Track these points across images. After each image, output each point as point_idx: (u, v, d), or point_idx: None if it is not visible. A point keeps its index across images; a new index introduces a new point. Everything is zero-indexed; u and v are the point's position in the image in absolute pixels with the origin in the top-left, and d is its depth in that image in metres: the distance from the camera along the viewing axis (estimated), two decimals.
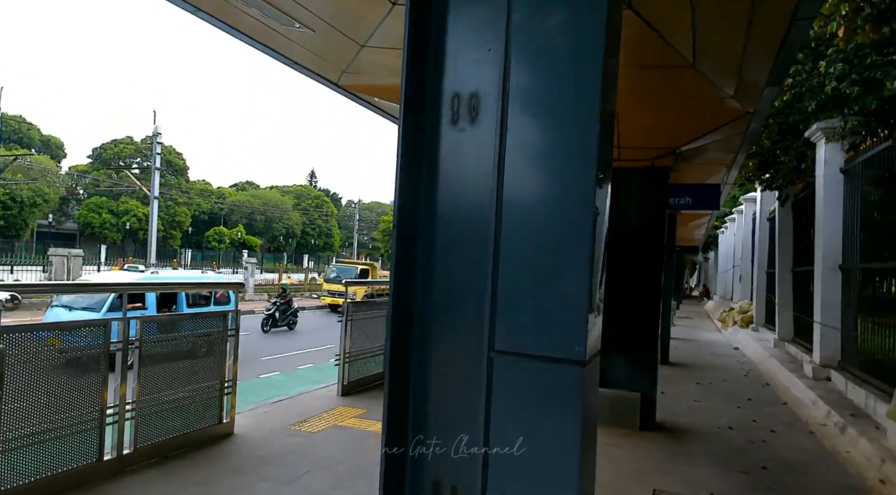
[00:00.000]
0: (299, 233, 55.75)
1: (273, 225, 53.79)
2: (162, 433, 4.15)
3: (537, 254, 1.58)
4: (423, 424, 1.84)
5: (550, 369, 1.55)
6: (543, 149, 1.61)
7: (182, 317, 4.30)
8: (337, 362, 6.36)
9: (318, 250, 58.47)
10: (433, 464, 1.83)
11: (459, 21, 1.79)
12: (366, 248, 63.83)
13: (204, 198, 50.80)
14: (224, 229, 49.91)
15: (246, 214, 52.85)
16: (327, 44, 4.74)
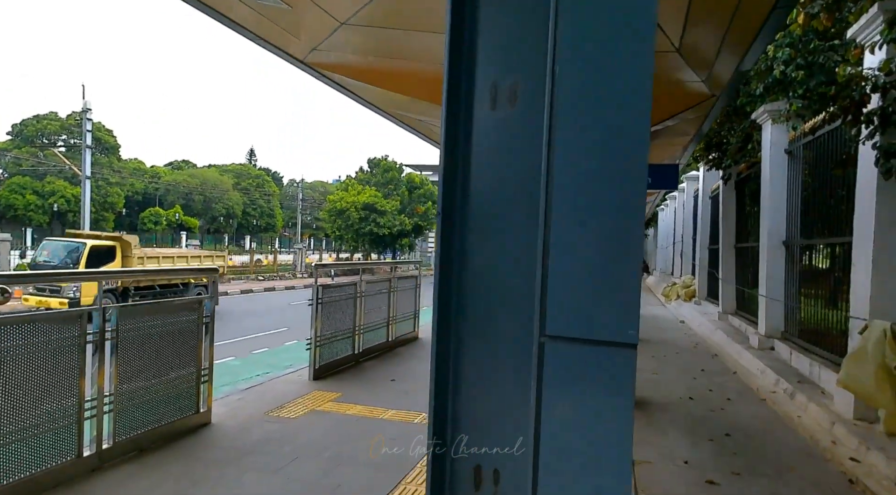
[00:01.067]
0: (240, 214, 54.20)
1: (212, 205, 52.06)
2: (141, 425, 4.01)
3: (589, 237, 1.60)
4: (465, 410, 1.86)
5: (604, 353, 1.59)
6: (594, 134, 1.62)
7: (158, 305, 4.13)
8: (308, 346, 6.28)
9: (259, 231, 57.06)
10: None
11: (501, 5, 1.78)
12: (310, 228, 62.73)
13: (137, 178, 48.54)
14: (160, 210, 47.96)
15: (183, 195, 50.90)
16: (303, 20, 4.59)
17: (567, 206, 1.64)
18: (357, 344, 7.21)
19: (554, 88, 1.67)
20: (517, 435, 1.77)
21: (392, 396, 5.74)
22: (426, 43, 4.84)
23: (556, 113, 1.66)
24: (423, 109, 7.53)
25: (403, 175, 41.20)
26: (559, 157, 1.65)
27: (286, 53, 5.83)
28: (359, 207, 36.02)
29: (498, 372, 1.78)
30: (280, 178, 70.94)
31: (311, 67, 6.24)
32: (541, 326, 1.68)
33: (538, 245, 1.68)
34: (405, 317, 8.86)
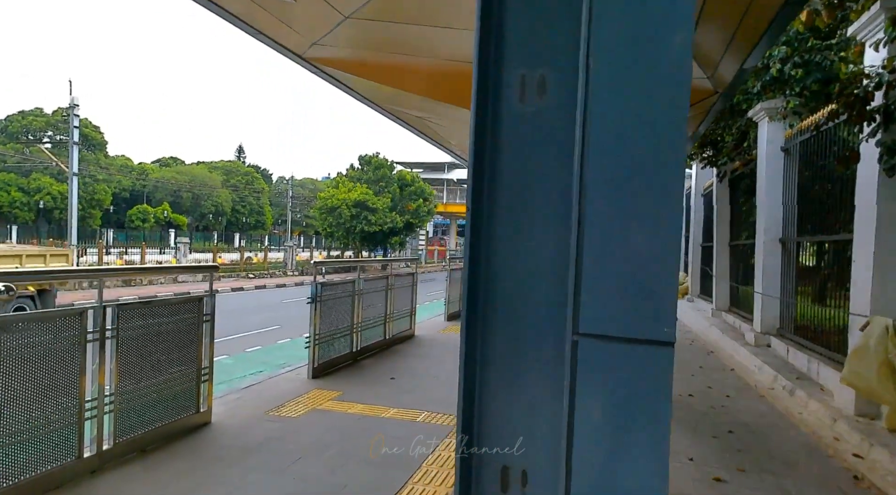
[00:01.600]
0: (229, 212, 53.84)
1: (201, 202, 51.66)
2: (141, 425, 3.94)
3: (625, 232, 1.56)
4: (492, 409, 1.82)
5: (640, 351, 1.56)
6: (629, 127, 1.58)
7: (158, 302, 4.06)
8: (307, 344, 6.22)
9: (249, 228, 56.72)
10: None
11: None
12: (299, 226, 62.44)
13: (125, 175, 48.03)
14: (148, 207, 47.51)
15: (171, 192, 50.45)
16: (306, 14, 4.52)
17: (601, 201, 1.60)
18: (355, 342, 7.16)
19: (588, 81, 1.63)
20: (547, 436, 1.73)
21: (393, 395, 5.69)
22: (429, 37, 4.79)
23: (589, 106, 1.62)
24: (421, 105, 7.48)
25: (394, 172, 41.08)
26: (592, 151, 1.62)
27: (285, 48, 5.75)
28: (350, 205, 35.88)
29: (527, 371, 1.74)
30: (269, 176, 70.55)
31: (310, 63, 6.16)
32: (574, 324, 1.65)
33: (571, 241, 1.64)
34: (402, 315, 8.81)
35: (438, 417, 5.02)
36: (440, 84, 6.24)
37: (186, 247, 25.87)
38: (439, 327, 10.53)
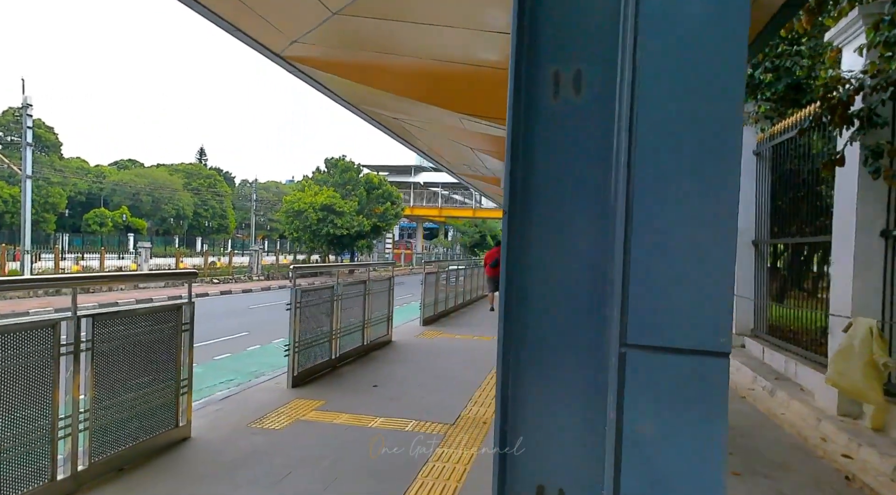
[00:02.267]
0: (191, 215, 52.54)
1: (161, 206, 50.28)
2: (118, 443, 3.70)
3: (676, 236, 1.48)
4: (525, 426, 1.71)
5: (693, 362, 1.47)
6: (681, 127, 1.49)
7: (136, 311, 3.83)
8: (287, 352, 6.01)
9: (211, 233, 55.47)
10: (536, 467, 1.71)
11: None
12: (263, 230, 61.36)
13: (80, 178, 46.41)
14: (105, 211, 45.98)
15: (130, 195, 48.96)
16: (291, 9, 4.36)
17: (651, 203, 1.51)
18: (334, 348, 6.97)
19: (636, 77, 1.54)
20: (586, 453, 1.63)
21: (378, 403, 5.53)
22: (416, 35, 4.68)
23: (637, 104, 1.52)
24: (398, 106, 7.35)
25: (361, 175, 40.73)
26: (641, 151, 1.52)
27: (263, 46, 5.56)
28: (316, 208, 35.40)
29: (565, 385, 1.64)
30: (232, 179, 69.15)
31: (288, 62, 5.98)
32: (621, 334, 1.56)
33: (617, 245, 1.55)
34: (379, 320, 8.64)
35: (428, 426, 4.89)
36: (420, 83, 6.13)
37: (148, 251, 25.07)
38: (415, 332, 10.39)
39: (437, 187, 62.46)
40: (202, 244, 51.39)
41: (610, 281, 1.63)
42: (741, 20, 1.48)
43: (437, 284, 12.21)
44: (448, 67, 5.51)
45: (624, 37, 1.63)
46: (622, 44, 1.63)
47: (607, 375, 1.65)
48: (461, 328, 11.07)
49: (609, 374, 1.61)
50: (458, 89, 6.03)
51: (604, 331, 1.65)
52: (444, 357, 8.06)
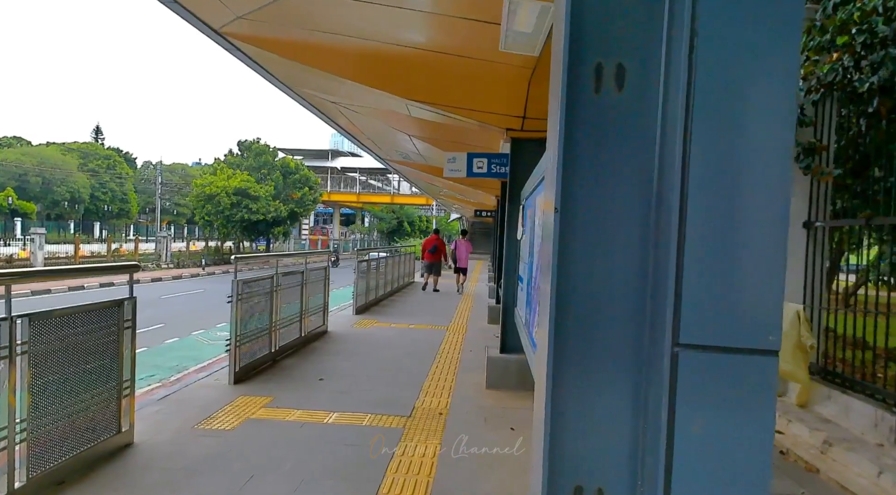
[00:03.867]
0: (88, 199, 48.73)
1: (53, 188, 46.28)
2: (58, 454, 3.35)
3: (730, 234, 1.48)
4: (564, 426, 1.68)
5: (745, 361, 1.49)
6: (736, 124, 1.49)
7: (75, 309, 3.48)
8: (227, 347, 5.69)
9: (111, 217, 51.78)
10: (575, 467, 1.68)
11: None
12: (170, 214, 58.04)
13: None
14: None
15: (15, 176, 44.70)
16: None
17: (705, 203, 1.50)
18: (274, 341, 6.69)
19: (691, 76, 1.52)
20: (624, 453, 1.63)
21: (328, 398, 5.36)
22: (375, 17, 4.49)
23: (693, 102, 1.51)
24: (341, 90, 7.10)
25: (277, 159, 39.33)
26: (696, 149, 1.51)
27: (200, 20, 5.17)
28: (230, 192, 33.84)
29: (608, 384, 1.63)
30: (133, 160, 64.65)
31: (226, 38, 5.60)
32: (673, 334, 1.55)
33: (668, 244, 1.53)
34: (316, 310, 8.39)
35: (384, 419, 4.79)
36: (369, 67, 5.94)
37: (41, 238, 22.98)
38: (350, 321, 10.18)
39: (354, 172, 61.46)
40: (101, 229, 47.93)
41: (657, 280, 1.62)
42: (794, 12, 1.50)
43: (369, 272, 12.01)
44: (400, 51, 5.36)
45: (670, 34, 1.61)
46: (668, 41, 1.61)
47: (651, 375, 1.65)
48: (395, 316, 10.97)
49: (657, 375, 1.61)
50: (409, 74, 5.89)
51: (650, 331, 1.64)
52: (384, 347, 7.95)
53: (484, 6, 3.87)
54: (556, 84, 1.71)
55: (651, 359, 1.57)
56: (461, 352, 7.79)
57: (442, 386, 5.91)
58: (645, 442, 1.59)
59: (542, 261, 1.81)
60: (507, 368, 5.92)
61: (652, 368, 1.56)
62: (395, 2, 4.15)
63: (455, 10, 4.32)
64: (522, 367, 5.94)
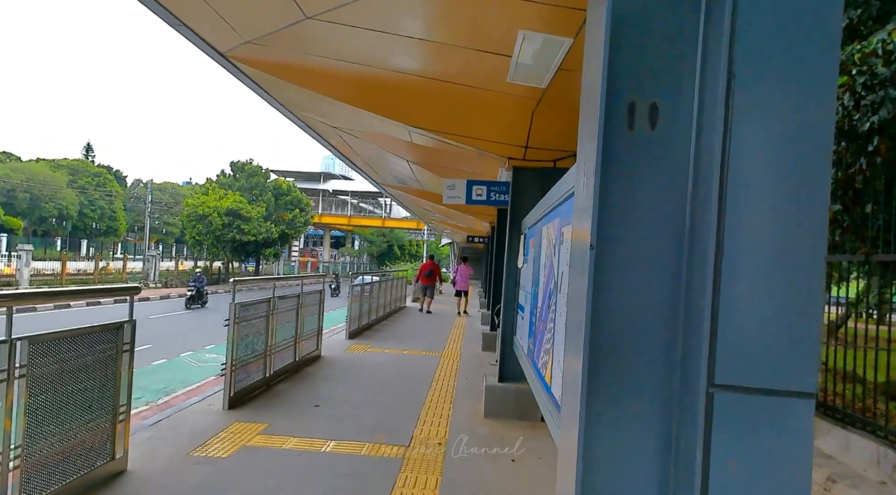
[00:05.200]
0: (76, 216, 48.30)
1: (41, 204, 45.86)
2: (52, 481, 3.25)
3: (768, 275, 1.48)
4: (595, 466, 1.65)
5: (782, 403, 1.47)
6: (773, 166, 1.50)
7: (74, 332, 3.41)
8: (222, 370, 5.60)
9: (99, 235, 51.30)
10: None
11: (648, 32, 1.61)
12: (158, 233, 57.63)
13: None
14: None
15: (3, 191, 44.30)
16: (256, 9, 4.10)
17: (742, 244, 1.50)
18: (268, 365, 6.59)
19: (728, 117, 1.53)
20: (660, 492, 1.60)
21: (324, 425, 5.27)
22: (378, 43, 4.52)
23: (729, 145, 1.52)
24: (343, 115, 7.13)
25: (269, 181, 39.29)
26: (734, 190, 1.52)
27: (206, 44, 5.20)
28: (221, 213, 33.68)
29: (636, 421, 1.61)
30: (123, 178, 64.34)
31: (231, 61, 5.63)
32: (709, 374, 1.54)
33: (706, 286, 1.52)
34: (310, 335, 8.30)
35: (383, 449, 4.71)
36: (371, 93, 5.97)
37: (28, 254, 22.66)
38: (343, 346, 10.07)
39: (346, 195, 61.52)
40: (89, 247, 47.44)
41: (689, 319, 1.61)
42: (832, 41, 1.52)
43: (362, 296, 11.94)
44: (402, 78, 5.41)
45: (704, 75, 1.63)
46: (701, 82, 1.63)
47: (683, 414, 1.63)
48: (388, 341, 10.87)
49: (691, 414, 1.59)
50: (410, 101, 5.94)
51: (681, 369, 1.62)
52: (378, 373, 7.86)
53: (488, 37, 3.92)
54: (589, 120, 1.73)
55: (683, 398, 1.55)
56: (456, 379, 7.71)
57: (439, 415, 5.83)
58: (676, 482, 1.56)
59: (573, 295, 1.80)
60: (505, 397, 5.86)
61: (685, 407, 1.55)
62: (401, 31, 4.19)
63: (459, 39, 4.37)
64: (521, 396, 5.88)
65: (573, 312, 1.80)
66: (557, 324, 3.04)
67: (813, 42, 1.47)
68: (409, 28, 4.03)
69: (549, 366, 3.25)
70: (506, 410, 5.86)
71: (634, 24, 1.60)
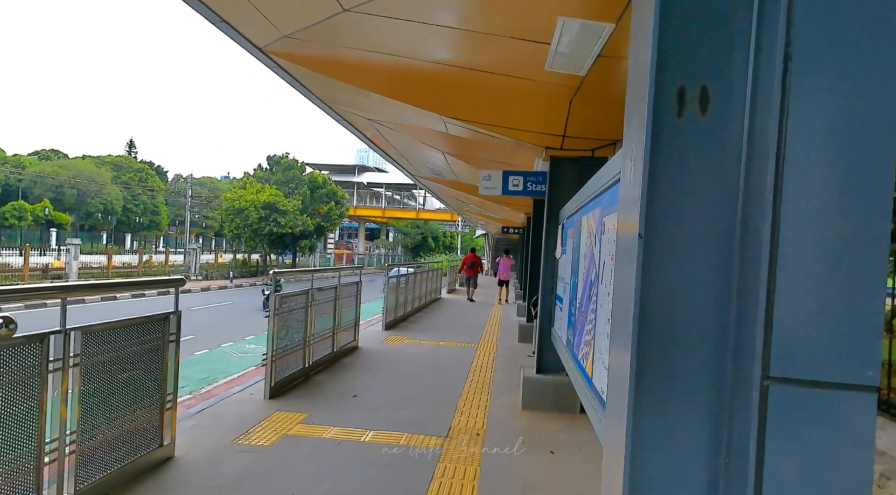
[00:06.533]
0: (120, 210, 49.82)
1: (87, 200, 47.43)
2: (105, 466, 3.37)
3: (827, 264, 1.42)
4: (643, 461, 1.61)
5: (842, 397, 1.42)
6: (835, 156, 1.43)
7: (123, 323, 3.51)
8: (263, 360, 5.71)
9: (142, 229, 52.83)
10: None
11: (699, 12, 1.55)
12: (198, 227, 59.05)
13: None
14: (25, 204, 42.96)
15: (52, 187, 45.95)
16: (294, 2, 4.12)
17: (799, 234, 1.44)
18: (307, 356, 6.69)
19: (785, 100, 1.47)
20: (710, 486, 1.56)
21: (363, 415, 5.33)
22: (415, 34, 4.51)
23: (786, 132, 1.46)
24: (378, 107, 7.16)
25: (305, 174, 39.81)
26: (791, 176, 1.46)
27: (245, 39, 5.27)
28: (258, 206, 34.30)
29: (686, 413, 1.57)
30: (164, 173, 66.03)
31: (270, 57, 5.70)
32: (763, 367, 1.49)
33: (760, 275, 1.47)
34: (347, 326, 8.40)
35: (421, 439, 4.74)
36: (407, 84, 5.97)
37: (76, 248, 23.49)
38: (379, 337, 10.16)
39: (380, 188, 61.92)
40: (132, 241, 48.92)
41: (741, 310, 1.56)
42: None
43: (398, 288, 12.01)
44: (437, 68, 5.38)
45: (758, 57, 1.56)
46: (755, 64, 1.56)
47: (735, 407, 1.58)
48: (425, 333, 10.92)
49: (743, 408, 1.54)
50: (446, 91, 5.91)
51: (733, 361, 1.58)
52: (415, 364, 7.90)
53: (525, 24, 3.87)
54: (637, 107, 1.68)
55: (735, 390, 1.51)
56: (493, 370, 7.70)
57: (476, 406, 5.84)
58: (729, 476, 1.52)
59: (618, 286, 1.76)
60: (543, 389, 5.83)
61: (737, 402, 1.50)
62: (436, 20, 4.17)
63: (495, 28, 4.32)
64: (559, 388, 5.84)
65: (619, 303, 1.77)
66: (599, 316, 2.99)
67: (878, 20, 1.40)
68: (444, 17, 4.00)
69: (589, 357, 3.21)
70: (544, 402, 5.82)
71: (684, 5, 1.55)
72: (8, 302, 3.04)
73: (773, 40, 1.49)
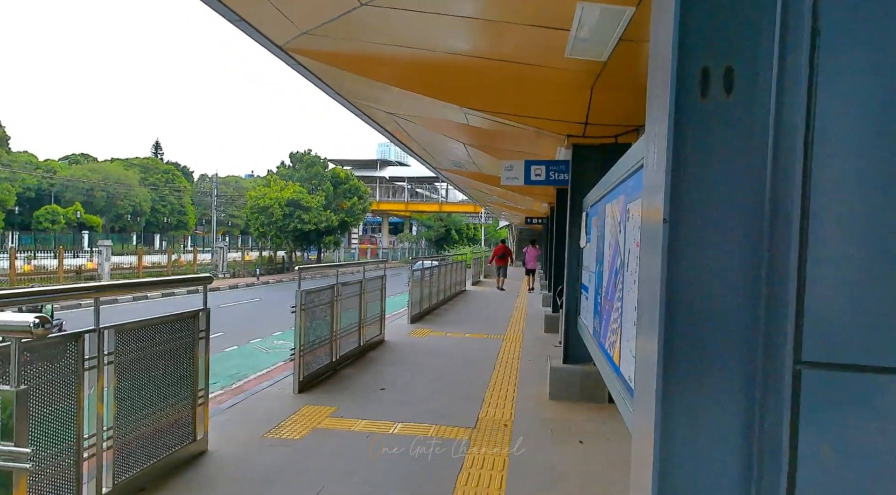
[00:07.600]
0: (148, 211, 50.82)
1: (116, 202, 48.45)
2: (140, 460, 3.45)
3: (859, 242, 1.38)
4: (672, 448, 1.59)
5: (876, 380, 1.38)
6: (863, 130, 1.39)
7: (155, 321, 3.58)
8: (291, 356, 5.78)
9: (170, 229, 53.81)
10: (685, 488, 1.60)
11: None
12: (224, 226, 59.90)
13: (29, 173, 44.35)
14: (58, 208, 44.07)
15: (83, 191, 47.03)
16: None
17: (829, 213, 1.40)
18: (334, 350, 6.76)
19: (812, 81, 1.43)
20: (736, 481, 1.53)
21: (391, 408, 5.37)
22: (431, 25, 4.49)
23: (815, 110, 1.42)
24: (399, 101, 7.16)
25: (328, 170, 40.09)
26: (818, 158, 1.42)
27: (265, 37, 5.30)
28: (282, 203, 34.67)
29: (711, 405, 1.54)
30: (190, 173, 67.06)
31: (289, 54, 5.73)
32: (795, 351, 1.46)
33: (790, 258, 1.44)
34: (373, 320, 8.46)
35: (449, 431, 4.76)
36: (426, 76, 5.96)
37: (108, 250, 24.04)
38: (405, 330, 10.22)
39: (402, 181, 62.07)
40: (161, 241, 49.86)
41: (772, 293, 1.52)
42: None
43: (423, 281, 12.05)
44: (457, 59, 5.36)
45: (784, 34, 1.52)
46: (780, 41, 1.52)
47: (767, 393, 1.55)
48: (450, 325, 10.95)
49: (775, 393, 1.51)
50: (466, 82, 5.89)
51: (764, 346, 1.54)
52: (442, 357, 7.93)
53: (544, 11, 3.82)
54: (659, 89, 1.65)
55: (767, 376, 1.48)
56: (519, 361, 7.69)
57: (504, 397, 5.84)
58: (762, 464, 1.50)
59: (644, 273, 1.74)
60: (570, 379, 5.80)
61: (768, 386, 1.47)
62: (454, 11, 4.14)
63: (514, 16, 4.28)
64: (586, 378, 5.80)
65: (645, 290, 1.75)
66: (625, 303, 2.96)
67: None
68: (462, 7, 3.98)
69: (616, 345, 3.18)
70: (571, 392, 5.80)
71: None
72: (44, 302, 3.11)
73: (800, 15, 1.45)
